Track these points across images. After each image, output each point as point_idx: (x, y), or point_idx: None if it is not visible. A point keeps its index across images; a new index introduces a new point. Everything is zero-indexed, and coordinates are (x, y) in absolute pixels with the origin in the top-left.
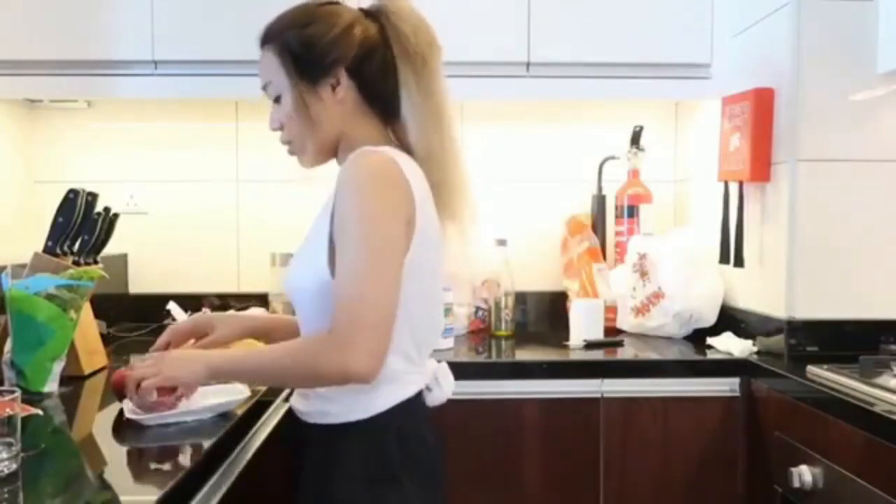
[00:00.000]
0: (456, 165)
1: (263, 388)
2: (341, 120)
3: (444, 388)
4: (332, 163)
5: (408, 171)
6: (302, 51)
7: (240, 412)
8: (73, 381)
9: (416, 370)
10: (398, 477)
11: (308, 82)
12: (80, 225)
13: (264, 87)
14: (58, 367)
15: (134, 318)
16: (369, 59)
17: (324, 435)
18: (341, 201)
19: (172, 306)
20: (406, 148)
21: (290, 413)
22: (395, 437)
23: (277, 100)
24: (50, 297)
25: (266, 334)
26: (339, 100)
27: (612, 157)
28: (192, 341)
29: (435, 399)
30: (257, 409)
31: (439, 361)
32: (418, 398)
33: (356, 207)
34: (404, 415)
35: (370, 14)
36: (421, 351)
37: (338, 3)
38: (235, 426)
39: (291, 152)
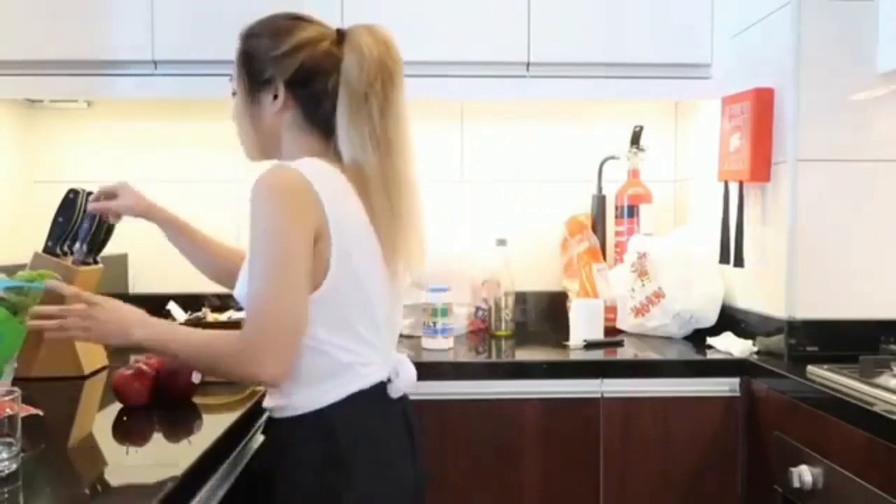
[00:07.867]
0: (401, 198)
1: (263, 389)
2: (281, 128)
3: (403, 379)
4: None
5: (319, 183)
6: (247, 60)
7: (240, 412)
8: (73, 381)
9: (375, 362)
10: (346, 463)
11: (253, 88)
12: (80, 225)
13: (230, 79)
14: (9, 370)
15: None
16: (309, 82)
17: (282, 428)
18: (250, 216)
19: (172, 306)
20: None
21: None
22: (344, 425)
23: (235, 94)
24: None
25: (180, 231)
26: (279, 110)
27: (612, 157)
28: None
29: (396, 391)
30: (257, 409)
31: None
32: (375, 390)
33: (257, 223)
34: (354, 405)
35: (341, 35)
36: (372, 343)
37: (304, 19)
38: (235, 426)
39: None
